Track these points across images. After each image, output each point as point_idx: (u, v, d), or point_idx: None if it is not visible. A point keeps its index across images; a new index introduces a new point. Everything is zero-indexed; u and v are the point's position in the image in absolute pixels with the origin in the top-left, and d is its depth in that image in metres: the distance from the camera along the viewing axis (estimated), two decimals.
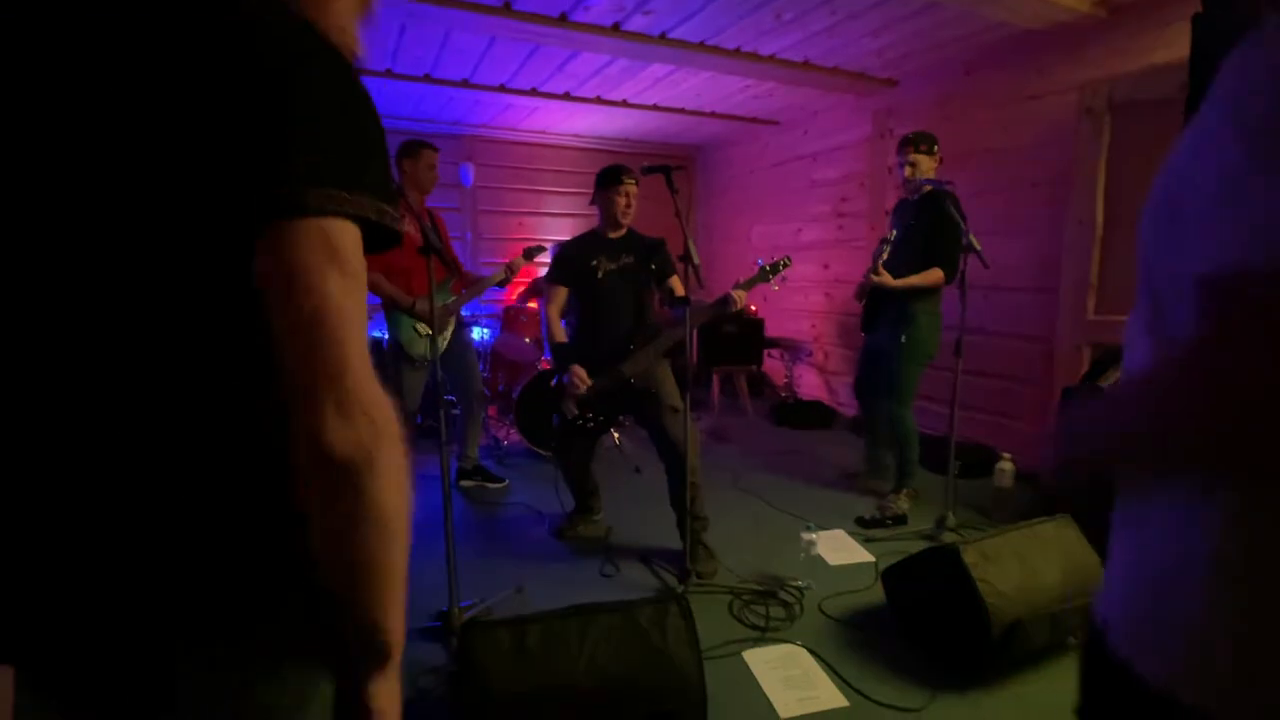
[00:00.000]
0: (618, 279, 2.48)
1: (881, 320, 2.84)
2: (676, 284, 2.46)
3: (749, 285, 2.38)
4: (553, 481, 3.23)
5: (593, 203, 2.56)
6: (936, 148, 2.78)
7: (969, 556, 1.72)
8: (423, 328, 2.79)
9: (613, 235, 2.53)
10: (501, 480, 3.23)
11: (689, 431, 2.25)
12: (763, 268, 2.44)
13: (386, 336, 2.85)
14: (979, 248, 2.47)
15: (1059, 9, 2.72)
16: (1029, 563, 1.77)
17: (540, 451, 3.63)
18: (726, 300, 2.30)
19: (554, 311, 2.56)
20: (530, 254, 3.13)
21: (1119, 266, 2.81)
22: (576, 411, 2.44)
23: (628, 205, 2.46)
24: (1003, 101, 3.29)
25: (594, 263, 2.47)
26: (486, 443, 3.87)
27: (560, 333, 2.56)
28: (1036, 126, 3.14)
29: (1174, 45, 2.49)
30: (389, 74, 3.65)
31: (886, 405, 2.86)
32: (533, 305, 4.64)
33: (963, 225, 2.48)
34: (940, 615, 1.80)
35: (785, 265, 2.47)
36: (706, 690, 1.49)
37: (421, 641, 1.89)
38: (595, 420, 2.46)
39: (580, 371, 2.40)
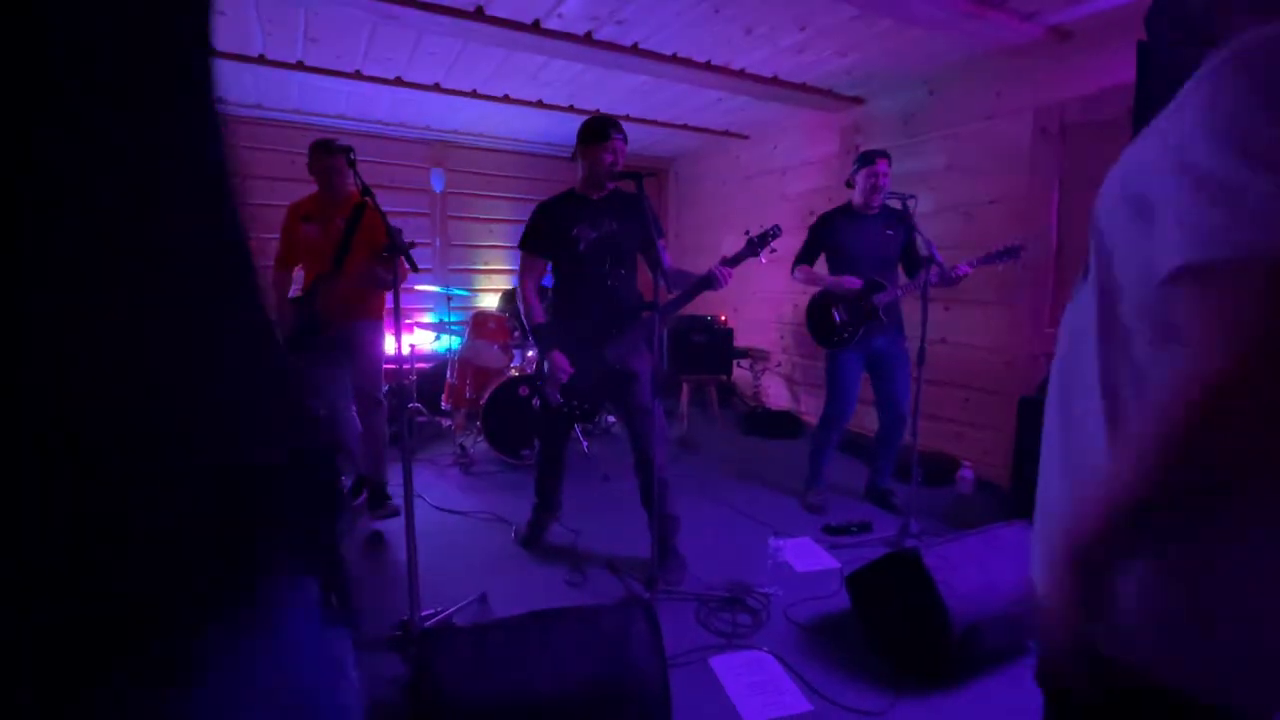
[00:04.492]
0: (600, 249, 2.27)
1: (881, 327, 2.83)
2: (663, 251, 2.30)
3: (736, 261, 2.20)
4: (519, 490, 3.19)
5: (573, 159, 2.33)
6: None
7: (930, 560, 1.75)
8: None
9: (594, 197, 2.31)
10: (395, 513, 2.88)
11: (660, 431, 2.22)
12: (750, 240, 2.22)
13: None
14: (940, 260, 2.55)
15: (1014, 34, 2.84)
16: (989, 566, 1.81)
17: (508, 459, 3.58)
18: (710, 278, 2.17)
19: (532, 287, 2.36)
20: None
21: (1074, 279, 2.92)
22: (561, 399, 2.32)
23: (614, 163, 2.21)
24: (963, 121, 3.41)
25: (574, 232, 2.26)
26: (453, 450, 3.80)
27: (539, 311, 2.35)
28: (994, 146, 3.26)
29: (1121, 70, 2.61)
30: (358, 75, 3.61)
31: (902, 413, 2.89)
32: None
33: (924, 237, 2.56)
34: (903, 619, 1.82)
35: (774, 235, 2.23)
36: (671, 697, 1.47)
37: (380, 652, 1.83)
38: (580, 408, 2.37)
39: (561, 360, 2.27)
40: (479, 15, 2.75)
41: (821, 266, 2.97)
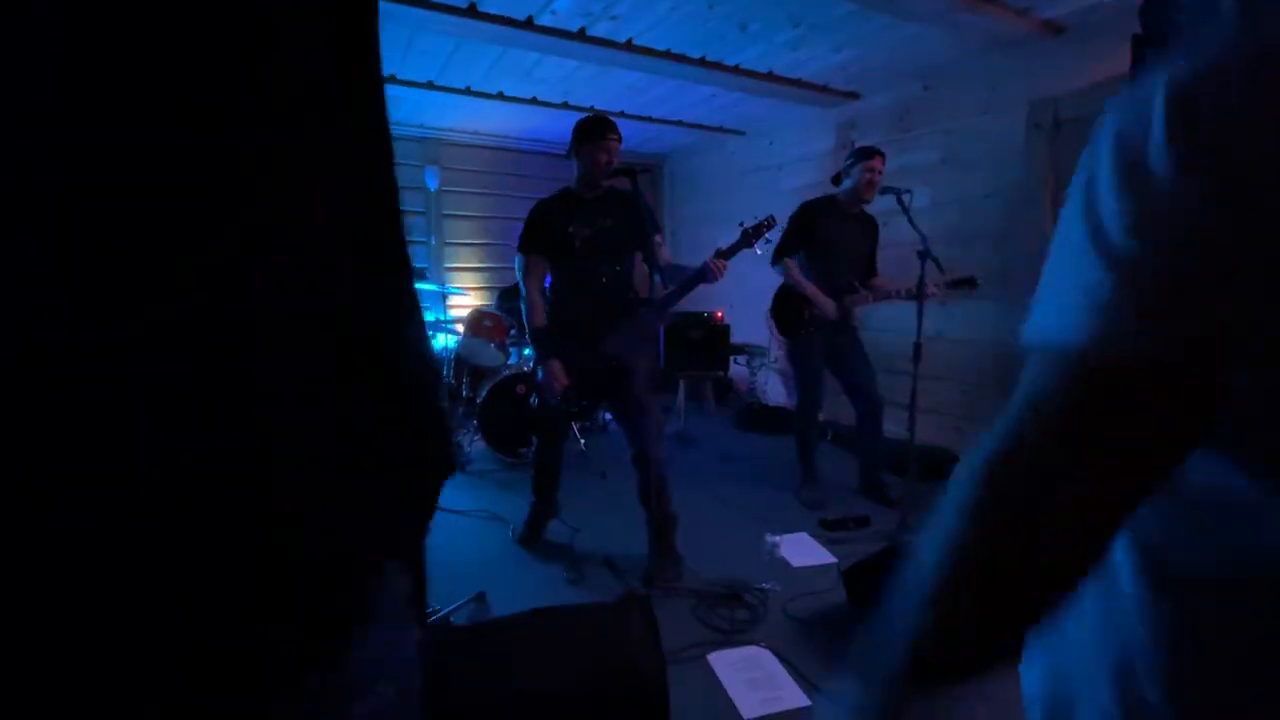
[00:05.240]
0: (596, 247, 2.28)
1: (844, 324, 2.96)
2: (659, 246, 2.29)
3: (730, 253, 2.18)
4: (516, 488, 3.19)
5: (568, 156, 2.34)
6: None
7: None
8: None
9: (589, 195, 2.33)
10: None
11: (658, 427, 2.23)
12: (744, 231, 2.23)
13: None
14: (936, 255, 2.56)
15: (1008, 28, 2.84)
16: None
17: (505, 457, 3.58)
18: (705, 271, 2.15)
19: (536, 287, 2.33)
20: None
21: None
22: (559, 398, 2.32)
23: (609, 162, 2.23)
24: (957, 116, 3.41)
25: (570, 229, 2.26)
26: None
27: (542, 314, 2.32)
28: (989, 141, 3.26)
29: (1114, 65, 2.62)
30: None
31: (873, 397, 2.96)
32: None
33: (920, 232, 2.57)
34: None
35: (769, 226, 2.24)
36: (669, 694, 1.48)
37: None
38: (577, 405, 2.37)
39: (559, 373, 2.27)
40: (472, 12, 2.74)
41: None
